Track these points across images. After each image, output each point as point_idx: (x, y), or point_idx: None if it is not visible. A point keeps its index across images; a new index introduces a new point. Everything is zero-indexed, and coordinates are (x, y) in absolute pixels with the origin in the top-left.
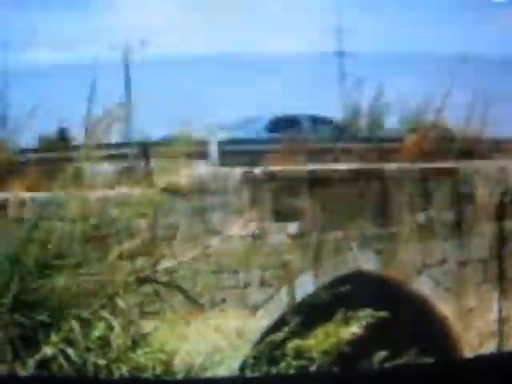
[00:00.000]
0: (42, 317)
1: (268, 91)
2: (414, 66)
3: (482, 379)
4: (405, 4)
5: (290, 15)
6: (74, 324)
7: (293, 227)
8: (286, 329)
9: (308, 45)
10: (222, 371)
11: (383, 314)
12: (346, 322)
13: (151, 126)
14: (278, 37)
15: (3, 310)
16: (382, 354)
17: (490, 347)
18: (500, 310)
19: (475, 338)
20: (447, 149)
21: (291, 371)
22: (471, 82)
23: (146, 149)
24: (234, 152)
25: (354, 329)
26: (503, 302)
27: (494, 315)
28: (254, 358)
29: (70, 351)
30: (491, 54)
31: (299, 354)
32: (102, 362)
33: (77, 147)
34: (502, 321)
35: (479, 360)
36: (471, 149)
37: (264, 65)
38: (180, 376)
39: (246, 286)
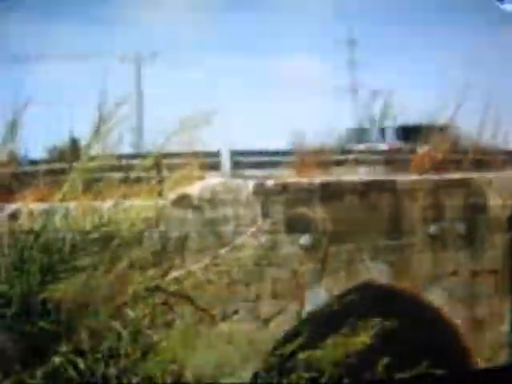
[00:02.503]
0: (51, 327)
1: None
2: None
3: None
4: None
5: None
6: (83, 334)
7: (305, 239)
8: (297, 340)
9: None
10: (234, 381)
11: (392, 324)
12: (355, 332)
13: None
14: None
15: (11, 318)
16: (385, 360)
17: (501, 358)
18: None
19: (487, 349)
20: (459, 160)
21: (302, 383)
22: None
23: (158, 160)
24: (246, 163)
25: (363, 339)
26: None
27: (505, 326)
28: (265, 368)
29: (80, 361)
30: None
31: (309, 365)
32: (111, 372)
33: (90, 157)
34: None
35: (491, 371)
36: (484, 160)
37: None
38: None
39: (258, 297)
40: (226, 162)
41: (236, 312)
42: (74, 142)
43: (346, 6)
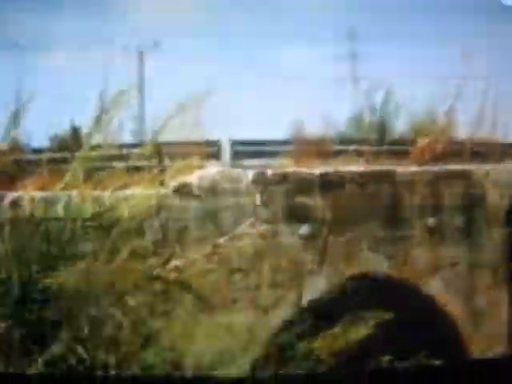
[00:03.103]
0: (52, 315)
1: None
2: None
3: (491, 381)
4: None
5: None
6: (84, 322)
7: (304, 229)
8: (296, 330)
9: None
10: (232, 371)
11: (390, 315)
12: (354, 323)
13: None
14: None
15: (11, 305)
16: (387, 358)
17: (499, 349)
18: (510, 313)
19: (485, 339)
20: (458, 152)
21: (300, 372)
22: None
23: (159, 149)
24: (246, 153)
25: (362, 330)
26: None
27: (503, 318)
28: (264, 357)
29: (80, 349)
30: None
31: (308, 355)
32: (111, 360)
33: (91, 146)
34: (511, 323)
35: (489, 362)
36: (482, 152)
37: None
38: (189, 375)
39: (257, 286)
40: (225, 151)
41: (235, 301)
42: (76, 131)
43: None
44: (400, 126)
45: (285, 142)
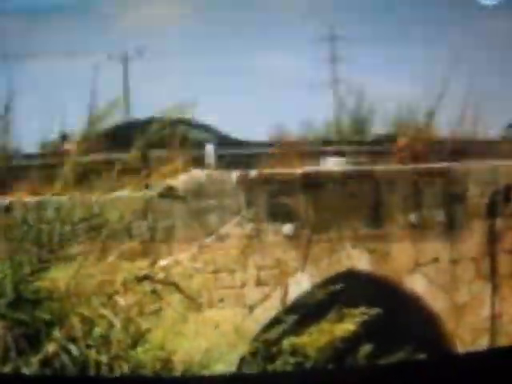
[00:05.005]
0: (45, 315)
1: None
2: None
3: (474, 375)
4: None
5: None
6: (76, 322)
7: (288, 228)
8: (282, 327)
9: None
10: (221, 368)
11: (376, 311)
12: (340, 319)
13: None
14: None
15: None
16: (367, 348)
17: (482, 343)
18: (492, 307)
19: (468, 334)
20: (438, 150)
21: (288, 368)
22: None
23: (145, 152)
24: (230, 155)
25: (348, 326)
26: (495, 298)
27: (486, 311)
28: (251, 354)
29: (72, 348)
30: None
31: (295, 351)
32: (103, 359)
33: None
34: (494, 317)
35: (472, 356)
36: (462, 149)
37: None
38: (179, 373)
39: (243, 285)
40: (210, 153)
41: (222, 299)
42: (65, 138)
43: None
44: (380, 126)
45: (268, 144)
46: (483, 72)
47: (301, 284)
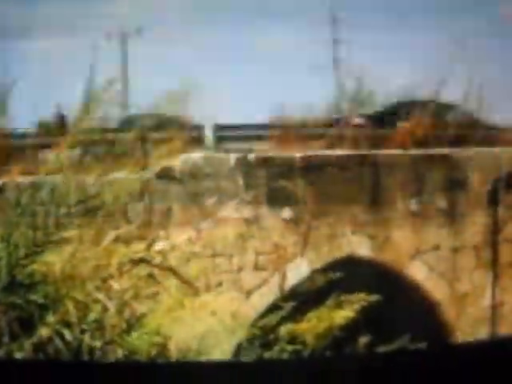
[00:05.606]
0: (39, 299)
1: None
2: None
3: (474, 365)
4: None
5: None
6: (70, 306)
7: (286, 212)
8: (280, 313)
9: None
10: (217, 354)
11: (376, 298)
12: (339, 306)
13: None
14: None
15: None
16: (365, 338)
17: (482, 333)
18: (493, 296)
19: (468, 323)
20: (440, 135)
21: (285, 355)
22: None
23: (143, 134)
24: (228, 137)
25: (347, 313)
26: (496, 287)
27: (486, 301)
28: (248, 341)
29: (66, 332)
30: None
31: (293, 338)
32: (97, 343)
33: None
34: (494, 306)
35: (472, 345)
36: (465, 135)
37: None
38: (175, 359)
39: (240, 269)
40: (209, 135)
41: (220, 284)
42: (61, 118)
43: None
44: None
45: (267, 126)
46: (486, 59)
47: (300, 269)
